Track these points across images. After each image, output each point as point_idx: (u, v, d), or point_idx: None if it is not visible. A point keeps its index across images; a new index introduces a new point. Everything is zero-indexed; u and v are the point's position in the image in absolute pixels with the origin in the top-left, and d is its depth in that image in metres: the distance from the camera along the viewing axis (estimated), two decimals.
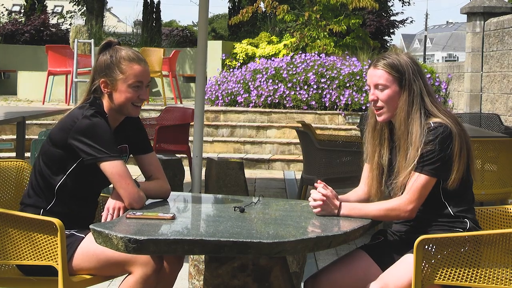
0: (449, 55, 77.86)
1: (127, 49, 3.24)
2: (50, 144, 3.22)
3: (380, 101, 3.08)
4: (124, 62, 3.18)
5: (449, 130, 2.99)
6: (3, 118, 6.48)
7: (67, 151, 3.14)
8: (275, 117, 11.71)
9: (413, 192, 2.98)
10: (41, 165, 3.23)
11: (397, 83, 3.07)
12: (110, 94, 3.21)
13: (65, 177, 3.19)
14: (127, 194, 3.09)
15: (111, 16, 36.70)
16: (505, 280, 2.76)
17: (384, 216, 3.04)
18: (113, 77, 3.19)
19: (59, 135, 3.17)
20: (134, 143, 3.35)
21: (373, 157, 3.18)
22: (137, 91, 3.19)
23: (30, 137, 9.03)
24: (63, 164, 3.18)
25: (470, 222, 3.05)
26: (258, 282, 2.89)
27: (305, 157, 7.06)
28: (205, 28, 5.94)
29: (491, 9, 10.68)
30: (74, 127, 3.10)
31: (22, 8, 21.63)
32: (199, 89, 5.80)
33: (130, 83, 3.18)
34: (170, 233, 2.70)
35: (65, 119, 3.19)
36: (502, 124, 8.79)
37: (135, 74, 3.18)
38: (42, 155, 3.25)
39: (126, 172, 3.11)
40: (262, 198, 3.33)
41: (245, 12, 14.41)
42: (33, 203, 3.23)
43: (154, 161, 3.37)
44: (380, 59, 3.12)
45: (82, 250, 3.10)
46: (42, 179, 3.22)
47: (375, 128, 3.18)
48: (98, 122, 3.11)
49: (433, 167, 2.97)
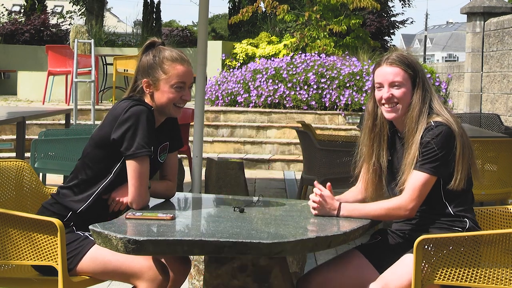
0: (449, 55, 77.84)
1: (170, 49, 3.21)
2: (94, 146, 3.19)
3: (396, 98, 3.06)
4: (167, 62, 3.16)
5: (451, 129, 2.99)
6: (3, 118, 6.48)
7: (111, 149, 3.11)
8: (275, 117, 11.71)
9: (413, 191, 2.98)
10: (85, 168, 3.20)
11: (411, 81, 3.07)
12: (152, 94, 3.18)
13: (110, 178, 3.17)
14: (135, 194, 3.08)
15: (111, 16, 36.69)
16: (505, 280, 2.76)
17: (384, 215, 3.03)
18: (155, 77, 3.16)
19: (102, 134, 3.14)
20: (170, 141, 3.33)
21: (369, 159, 3.17)
22: (180, 92, 3.16)
23: (30, 137, 9.03)
24: (108, 165, 3.16)
25: (469, 221, 3.05)
26: (258, 283, 2.89)
27: (305, 157, 7.06)
28: (205, 28, 5.93)
29: (491, 9, 10.68)
30: (119, 119, 3.07)
31: (22, 8, 21.62)
32: (199, 89, 5.79)
33: (172, 83, 3.15)
34: (170, 233, 2.70)
35: (108, 118, 3.16)
36: (502, 124, 8.79)
37: (178, 75, 3.15)
38: (84, 158, 3.22)
39: (146, 173, 3.09)
40: (262, 198, 3.33)
41: (245, 12, 14.40)
42: (64, 203, 3.20)
43: (174, 162, 3.36)
44: (393, 56, 3.10)
45: (92, 255, 3.09)
46: (83, 182, 3.20)
47: (373, 130, 3.17)
48: (142, 110, 3.07)
49: (433, 165, 2.96)
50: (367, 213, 3.02)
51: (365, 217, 3.01)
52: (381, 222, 3.35)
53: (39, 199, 3.56)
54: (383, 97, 3.08)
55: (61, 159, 6.37)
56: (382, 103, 3.10)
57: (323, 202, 3.01)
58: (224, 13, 33.38)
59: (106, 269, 3.07)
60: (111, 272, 3.08)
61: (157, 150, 3.21)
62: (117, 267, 3.04)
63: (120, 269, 3.03)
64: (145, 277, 3.00)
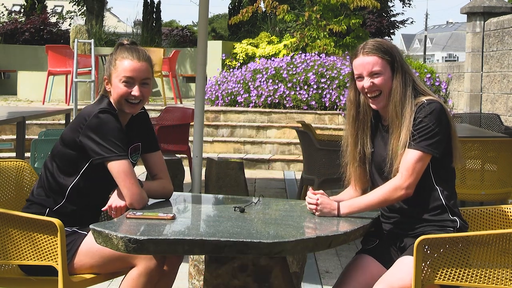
0: (449, 55, 77.83)
1: (130, 47, 3.23)
2: (62, 144, 3.21)
3: (377, 87, 3.03)
4: (118, 58, 3.20)
5: (443, 106, 2.99)
6: (3, 118, 6.48)
7: (79, 151, 3.14)
8: (275, 117, 11.71)
9: (408, 169, 2.95)
10: (53, 166, 3.23)
11: (390, 67, 3.05)
12: (110, 91, 3.23)
13: (78, 178, 3.19)
14: (130, 194, 3.09)
15: (111, 16, 36.67)
16: (505, 280, 2.76)
17: (384, 200, 3.00)
18: (109, 73, 3.21)
19: (70, 135, 3.17)
20: (142, 141, 3.35)
21: (355, 148, 3.15)
22: (129, 87, 3.18)
23: (30, 137, 9.02)
24: (75, 164, 3.18)
25: (459, 220, 3.03)
26: (258, 282, 2.89)
27: (305, 157, 7.06)
28: (205, 28, 5.93)
29: (491, 9, 10.68)
30: (84, 125, 3.10)
31: (22, 8, 21.62)
32: (199, 89, 5.79)
33: (120, 78, 3.17)
34: (170, 233, 2.70)
35: (76, 119, 3.19)
36: (502, 124, 8.79)
37: (125, 69, 3.16)
38: (54, 156, 3.25)
39: (131, 171, 3.11)
40: (262, 198, 3.33)
41: (245, 12, 14.40)
42: (40, 202, 3.23)
43: (160, 161, 3.37)
44: (368, 45, 3.06)
45: (86, 246, 3.11)
46: (53, 180, 3.22)
47: (357, 118, 3.14)
48: (107, 118, 3.10)
49: (428, 142, 2.95)
50: (366, 203, 3.01)
51: (365, 209, 3.00)
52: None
53: None
54: (365, 86, 3.05)
55: None
56: (365, 92, 3.08)
57: (322, 204, 3.00)
58: (224, 13, 33.39)
59: (103, 256, 3.08)
60: (109, 258, 3.09)
61: (128, 151, 3.21)
62: (113, 252, 3.03)
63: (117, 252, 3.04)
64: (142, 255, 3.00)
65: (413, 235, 3.00)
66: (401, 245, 3.07)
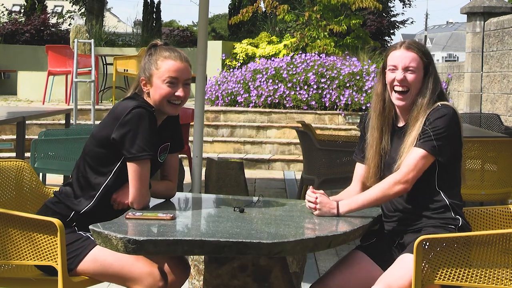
0: (449, 55, 77.81)
1: (169, 48, 3.21)
2: (94, 144, 3.18)
3: (408, 83, 3.04)
4: (160, 58, 3.15)
5: (456, 113, 3.02)
6: (3, 118, 6.48)
7: (112, 148, 3.10)
8: (275, 117, 11.71)
9: (409, 164, 2.96)
10: (85, 166, 3.19)
11: (424, 69, 3.08)
12: (149, 92, 3.18)
13: (110, 177, 3.16)
14: (136, 195, 3.07)
15: (111, 16, 36.65)
16: (505, 280, 2.76)
17: (383, 196, 3.01)
18: (150, 73, 3.16)
19: (103, 132, 3.13)
20: (171, 141, 3.32)
21: (380, 143, 3.13)
22: (173, 88, 3.14)
23: (30, 137, 9.02)
24: (108, 163, 3.15)
25: (461, 219, 3.03)
26: (258, 283, 2.89)
27: (305, 157, 7.06)
28: (205, 28, 5.93)
29: (491, 9, 10.68)
30: (119, 121, 3.05)
31: (22, 8, 21.63)
32: (199, 89, 5.79)
33: (164, 78, 3.13)
34: (170, 233, 2.69)
35: (108, 116, 3.15)
36: (502, 124, 8.79)
37: (169, 69, 3.13)
38: (86, 155, 3.21)
39: (147, 175, 3.08)
40: (262, 198, 3.33)
41: (245, 12, 14.41)
42: (66, 203, 3.19)
43: (175, 163, 3.35)
44: (410, 41, 3.11)
45: (93, 256, 3.08)
46: (85, 181, 3.19)
47: (382, 113, 3.14)
48: (145, 113, 3.06)
49: (434, 144, 2.96)
50: (365, 200, 3.01)
51: (365, 206, 3.00)
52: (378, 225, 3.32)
53: (39, 199, 3.56)
54: (397, 78, 3.06)
55: (61, 159, 6.37)
56: (393, 86, 3.08)
57: (321, 204, 3.01)
58: (224, 13, 33.41)
59: (106, 272, 3.06)
60: (111, 275, 3.07)
61: (158, 150, 3.20)
62: (117, 271, 3.03)
63: (120, 272, 3.03)
64: (144, 283, 2.99)
65: (413, 230, 3.01)
66: (400, 241, 3.08)
